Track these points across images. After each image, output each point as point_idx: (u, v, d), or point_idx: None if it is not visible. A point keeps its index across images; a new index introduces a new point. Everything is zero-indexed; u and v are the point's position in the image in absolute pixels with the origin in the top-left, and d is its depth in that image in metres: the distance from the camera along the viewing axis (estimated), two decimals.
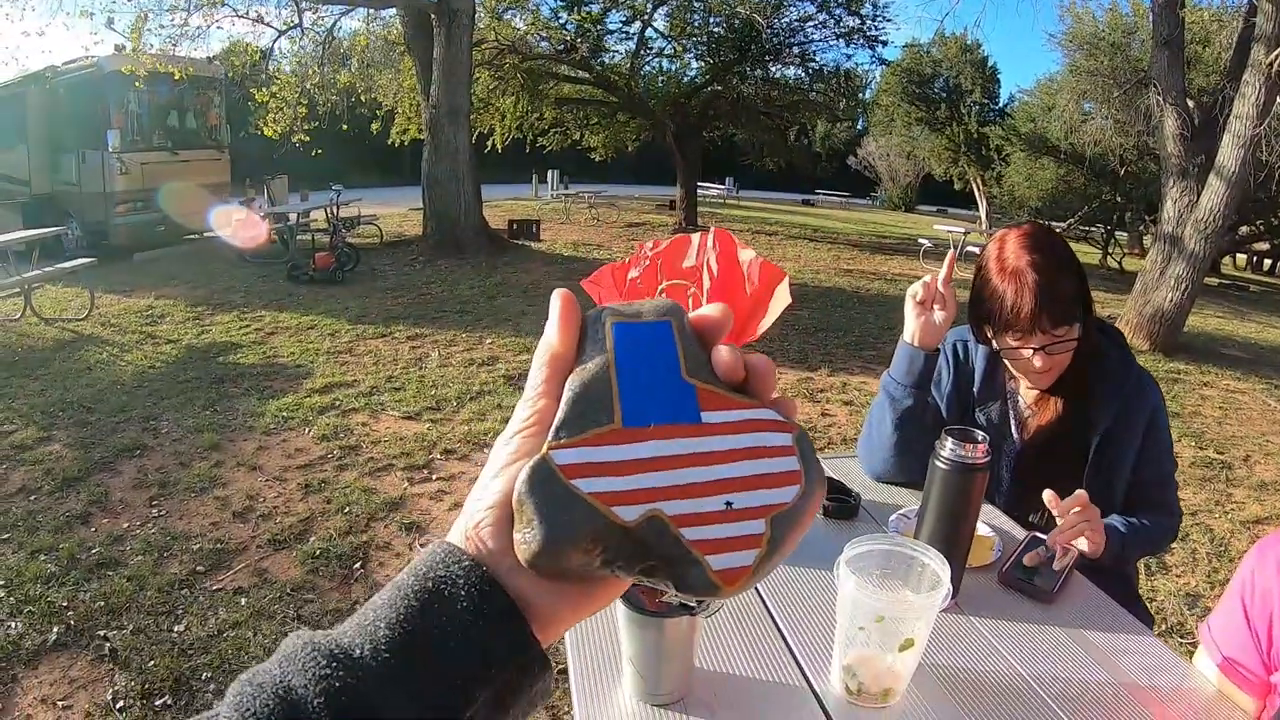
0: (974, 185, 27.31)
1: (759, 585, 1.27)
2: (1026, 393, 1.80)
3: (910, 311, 1.68)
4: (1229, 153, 7.99)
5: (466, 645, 0.37)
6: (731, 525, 0.37)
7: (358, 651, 0.36)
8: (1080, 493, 1.50)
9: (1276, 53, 7.53)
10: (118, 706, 2.54)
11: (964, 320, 1.80)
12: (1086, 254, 21.42)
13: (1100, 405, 1.70)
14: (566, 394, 0.40)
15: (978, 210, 26.98)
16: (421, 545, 3.60)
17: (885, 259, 14.84)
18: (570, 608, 0.41)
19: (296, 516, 3.85)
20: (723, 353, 0.41)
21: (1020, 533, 1.60)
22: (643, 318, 0.42)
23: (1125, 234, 20.65)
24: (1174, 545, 4.27)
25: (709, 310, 0.42)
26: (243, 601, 3.13)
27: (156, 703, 2.57)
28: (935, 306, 1.67)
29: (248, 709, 0.34)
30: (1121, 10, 17.24)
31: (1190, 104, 9.34)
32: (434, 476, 4.43)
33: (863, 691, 1.09)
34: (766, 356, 0.42)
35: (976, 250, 14.87)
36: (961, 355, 1.87)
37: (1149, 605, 3.59)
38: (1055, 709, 1.11)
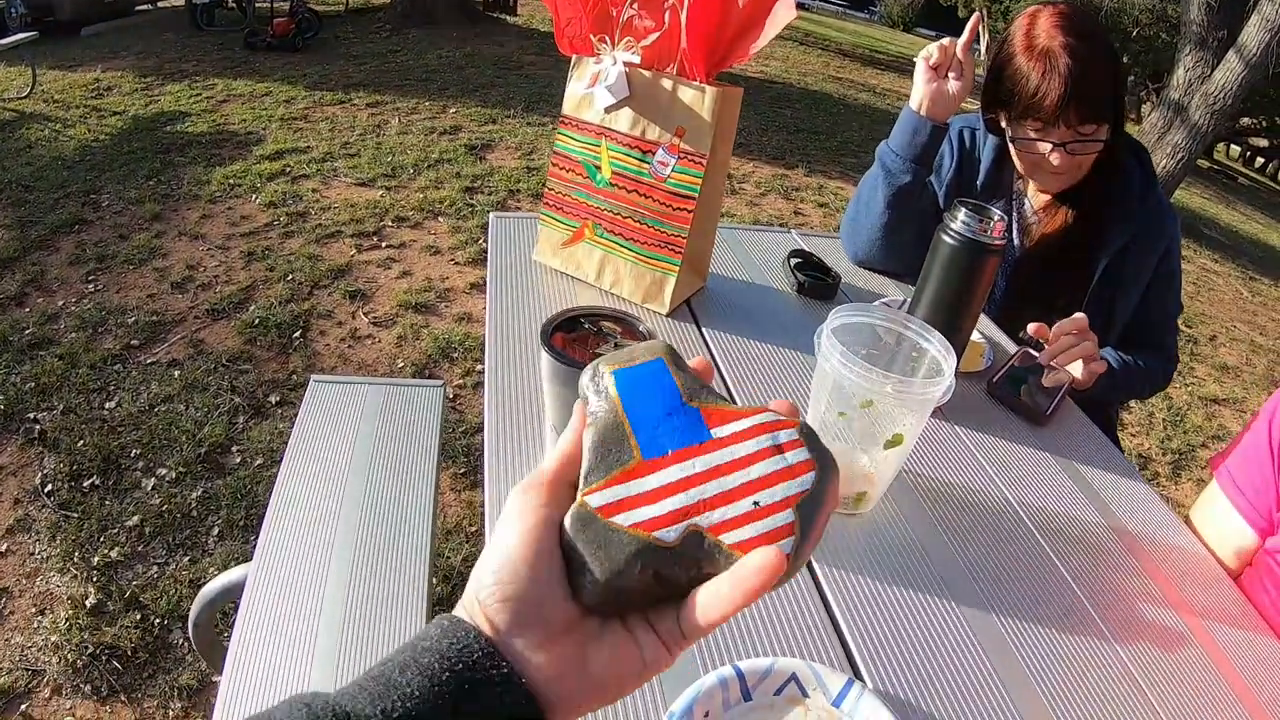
0: (981, 15, 26.39)
1: (717, 360, 1.19)
2: (1035, 196, 1.61)
3: (921, 75, 1.44)
4: (1254, 34, 7.68)
5: None
6: (763, 521, 0.41)
7: None
8: (1079, 316, 1.33)
9: None
10: (46, 490, 2.47)
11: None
12: None
13: (1114, 225, 1.52)
14: (586, 446, 0.44)
15: (978, 45, 26.19)
16: (366, 315, 3.45)
17: (876, 73, 14.18)
18: (582, 698, 0.41)
19: (237, 285, 3.70)
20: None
21: (1012, 346, 1.44)
22: (636, 360, 0.46)
23: (1127, 97, 20.22)
24: (1133, 403, 4.25)
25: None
26: (176, 374, 3.04)
27: (85, 484, 2.50)
28: (950, 74, 1.43)
29: None
30: None
31: None
32: (383, 244, 4.29)
33: None
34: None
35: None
36: (968, 143, 1.64)
37: None
38: (1041, 541, 0.98)
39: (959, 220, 1.02)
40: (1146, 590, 0.95)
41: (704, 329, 1.25)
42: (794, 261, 1.47)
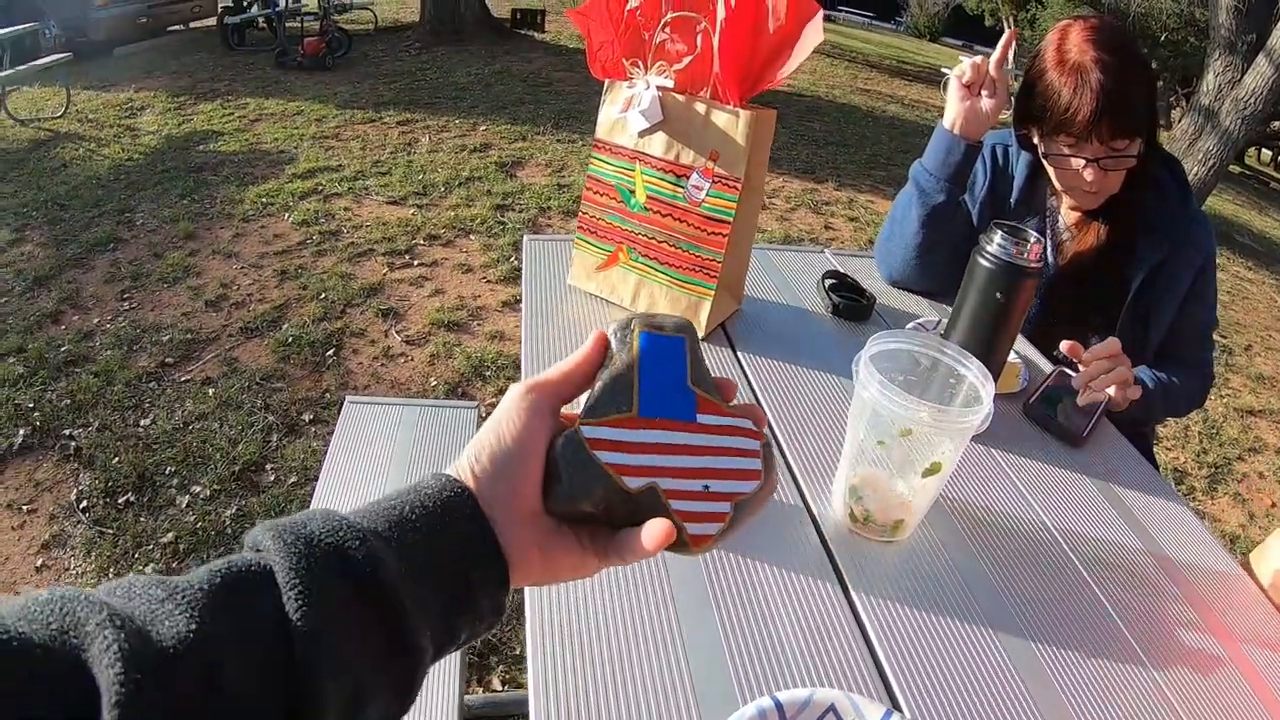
0: (1005, 23, 26.23)
1: (749, 376, 1.22)
2: (1068, 213, 1.59)
3: (954, 94, 1.43)
4: None
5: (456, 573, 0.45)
6: (706, 503, 0.48)
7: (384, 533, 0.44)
8: (1113, 340, 1.31)
9: None
10: (81, 506, 2.50)
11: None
12: None
13: (1149, 241, 1.50)
14: (599, 383, 0.51)
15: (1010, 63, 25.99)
16: (398, 333, 3.47)
17: (905, 84, 14.14)
18: (530, 570, 0.48)
19: (270, 304, 3.74)
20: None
21: (1047, 366, 1.43)
22: (664, 331, 0.53)
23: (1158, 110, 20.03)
24: (1169, 420, 4.19)
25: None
26: (210, 392, 3.07)
27: (120, 500, 2.53)
28: (983, 92, 1.43)
29: (304, 554, 0.40)
30: None
31: None
32: (415, 262, 4.31)
33: (870, 521, 0.90)
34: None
35: None
36: (1001, 160, 1.63)
37: None
38: (1080, 567, 0.97)
39: (995, 243, 1.02)
40: (1186, 617, 0.93)
41: (739, 353, 1.25)
42: (828, 283, 1.47)
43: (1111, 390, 1.30)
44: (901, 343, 0.90)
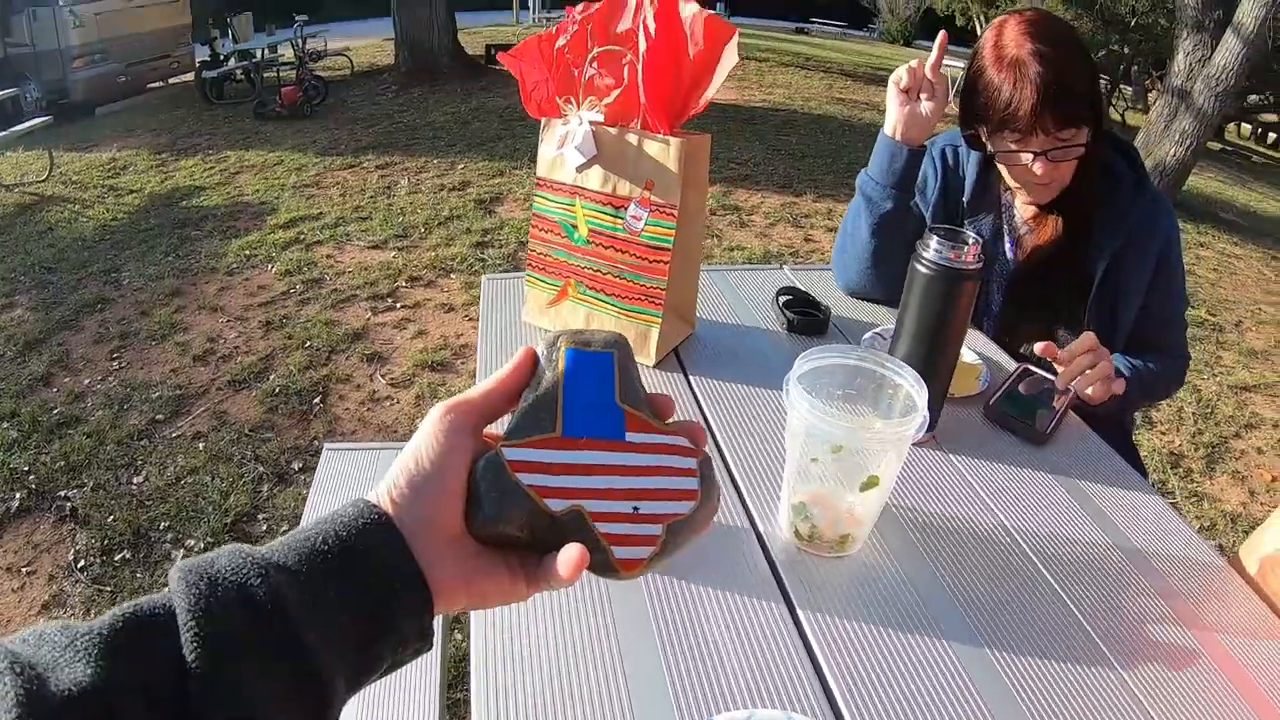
0: (976, 23, 26.40)
1: (700, 400, 1.21)
2: (1024, 207, 1.59)
3: (893, 99, 1.44)
4: (1249, 9, 7.66)
5: (376, 601, 0.44)
6: (636, 526, 0.47)
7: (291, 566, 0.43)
8: (1088, 335, 1.30)
9: None
10: (79, 566, 2.54)
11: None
12: None
13: (1107, 227, 1.49)
14: (523, 402, 0.50)
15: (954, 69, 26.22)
16: (383, 377, 3.48)
17: (879, 91, 14.13)
18: (455, 595, 0.48)
19: (257, 355, 3.80)
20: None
21: (1010, 364, 1.41)
22: (592, 347, 0.51)
23: (1130, 88, 20.09)
24: (1162, 402, 4.19)
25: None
26: (201, 446, 3.11)
27: (116, 558, 2.57)
28: (922, 95, 1.43)
29: (205, 594, 0.40)
30: None
31: None
32: (398, 305, 4.36)
33: (816, 537, 0.91)
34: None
35: None
36: (951, 161, 1.63)
37: None
38: (1042, 569, 0.96)
39: (931, 249, 1.02)
40: (1156, 610, 0.92)
41: (691, 377, 1.25)
42: (783, 299, 1.47)
43: (1092, 388, 1.29)
44: (833, 358, 0.90)
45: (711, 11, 1.08)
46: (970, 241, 1.02)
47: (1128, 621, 0.90)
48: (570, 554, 0.45)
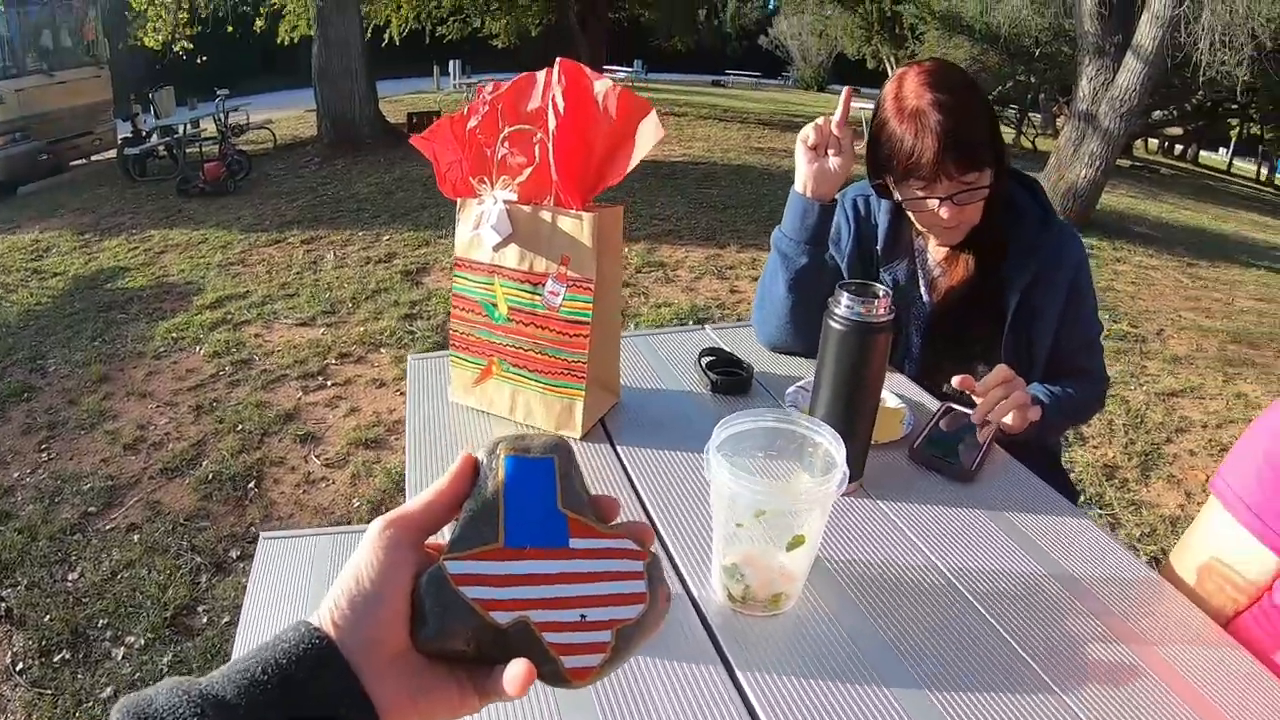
0: (886, 64, 27.30)
1: (628, 469, 1.21)
2: (936, 250, 1.64)
3: (801, 157, 1.48)
4: (1147, 31, 8.03)
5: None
6: (584, 634, 0.47)
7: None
8: (1002, 367, 1.35)
9: None
10: (18, 669, 2.46)
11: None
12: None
13: (1017, 262, 1.55)
14: (464, 513, 0.50)
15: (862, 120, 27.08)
16: (317, 457, 3.43)
17: (796, 137, 14.56)
18: (403, 714, 0.46)
19: (188, 441, 3.73)
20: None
21: (934, 404, 1.45)
22: (531, 453, 0.51)
23: (1039, 115, 20.84)
24: (1086, 423, 4.30)
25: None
26: (136, 538, 3.04)
27: (55, 659, 2.49)
28: (829, 151, 1.47)
29: None
30: None
31: None
32: (329, 383, 4.33)
33: (749, 598, 0.92)
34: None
35: None
36: (863, 211, 1.68)
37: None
38: (976, 605, 0.97)
39: (842, 305, 1.05)
40: (1092, 630, 0.95)
41: (618, 446, 1.26)
42: (706, 360, 1.48)
43: (1009, 417, 1.33)
44: (751, 422, 0.92)
45: (626, 86, 1.11)
46: (880, 295, 1.05)
47: (1065, 646, 0.92)
48: (515, 671, 0.45)
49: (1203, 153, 28.37)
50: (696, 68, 34.07)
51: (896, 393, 1.44)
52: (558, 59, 1.12)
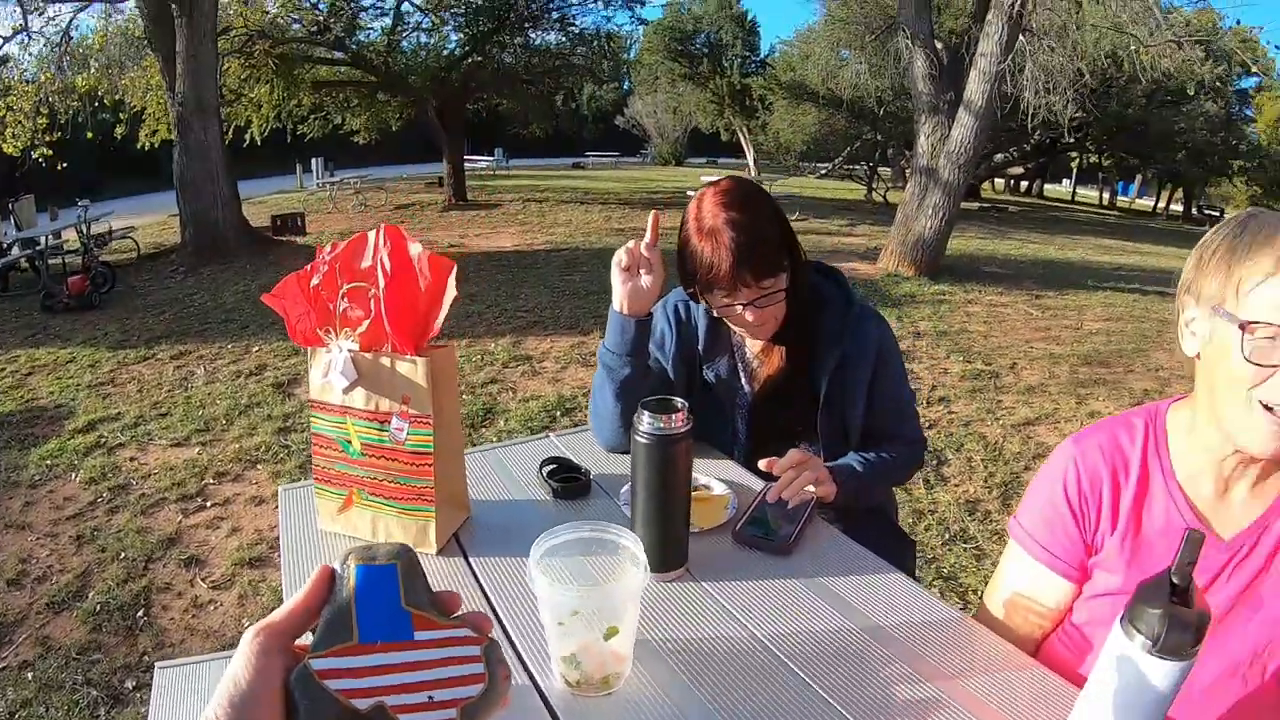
0: (740, 135, 28.38)
1: (479, 578, 1.32)
2: (752, 344, 1.80)
3: (616, 278, 1.62)
4: (976, 87, 8.66)
5: None
6: (433, 713, 0.55)
7: None
8: (793, 452, 1.50)
9: None
10: None
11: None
12: (852, 191, 22.67)
13: (824, 347, 1.71)
14: (323, 617, 0.57)
15: (746, 158, 28.13)
16: (203, 580, 3.42)
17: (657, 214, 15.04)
18: None
19: (73, 573, 3.64)
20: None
21: (760, 485, 1.59)
22: (377, 560, 0.58)
23: (889, 169, 21.97)
24: (950, 456, 4.56)
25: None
26: (30, 676, 2.96)
27: None
28: (641, 271, 1.61)
29: None
30: None
31: (939, 45, 10.01)
32: (208, 504, 4.28)
33: (584, 681, 1.06)
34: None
35: None
36: (683, 315, 1.84)
37: (931, 517, 3.82)
38: (790, 664, 1.10)
39: (645, 421, 1.22)
40: (899, 674, 1.08)
41: (471, 558, 1.37)
42: (548, 469, 1.61)
43: (812, 488, 1.50)
44: (566, 535, 1.08)
45: (432, 251, 1.28)
46: (677, 409, 1.22)
47: (873, 691, 1.05)
48: None
49: (1047, 186, 30.31)
50: (557, 151, 34.65)
51: (722, 479, 1.60)
52: (382, 225, 1.29)
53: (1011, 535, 1.32)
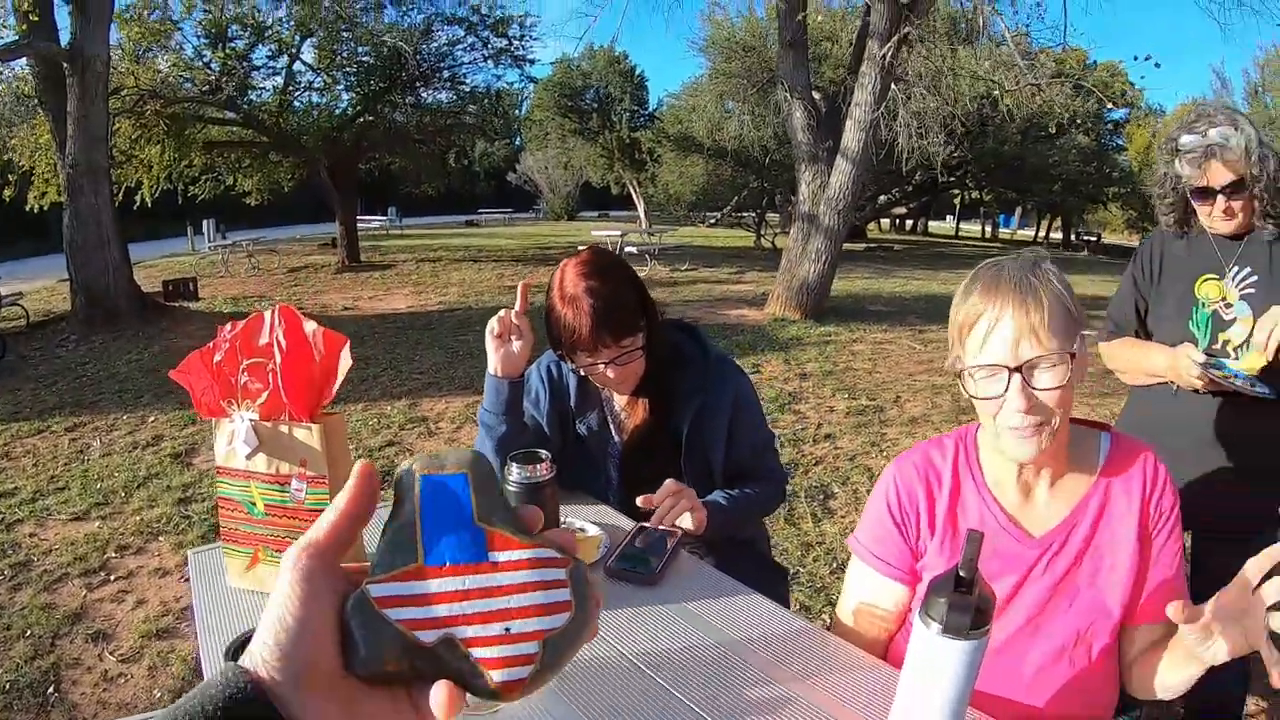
0: (630, 188, 28.88)
1: None
2: (618, 398, 1.94)
3: (490, 344, 1.76)
4: (852, 136, 9.10)
5: None
6: (511, 647, 0.47)
7: None
8: (668, 482, 1.67)
9: (888, 45, 8.62)
10: None
11: None
12: (742, 238, 23.26)
13: (684, 396, 1.86)
14: (383, 536, 0.49)
15: (637, 210, 28.80)
16: (112, 654, 3.41)
17: (549, 270, 14.84)
18: None
19: None
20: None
21: (629, 526, 1.75)
22: (445, 469, 0.50)
23: (777, 214, 22.69)
24: (836, 490, 4.78)
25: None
26: None
27: None
28: (512, 336, 1.76)
29: None
30: (757, 15, 18.92)
31: (817, 96, 10.51)
32: (112, 577, 4.22)
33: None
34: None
35: (634, 250, 15.72)
36: (555, 374, 1.97)
37: (820, 548, 4.04)
38: (660, 682, 1.22)
39: (514, 471, 1.39)
40: (756, 678, 1.22)
41: None
42: None
43: (688, 521, 1.66)
44: None
45: (326, 328, 1.44)
46: (541, 459, 1.40)
47: (733, 697, 1.18)
48: (439, 697, 0.46)
49: (932, 223, 31.62)
50: (450, 209, 34.39)
51: (596, 522, 1.76)
52: (277, 305, 1.44)
53: (852, 550, 1.52)
